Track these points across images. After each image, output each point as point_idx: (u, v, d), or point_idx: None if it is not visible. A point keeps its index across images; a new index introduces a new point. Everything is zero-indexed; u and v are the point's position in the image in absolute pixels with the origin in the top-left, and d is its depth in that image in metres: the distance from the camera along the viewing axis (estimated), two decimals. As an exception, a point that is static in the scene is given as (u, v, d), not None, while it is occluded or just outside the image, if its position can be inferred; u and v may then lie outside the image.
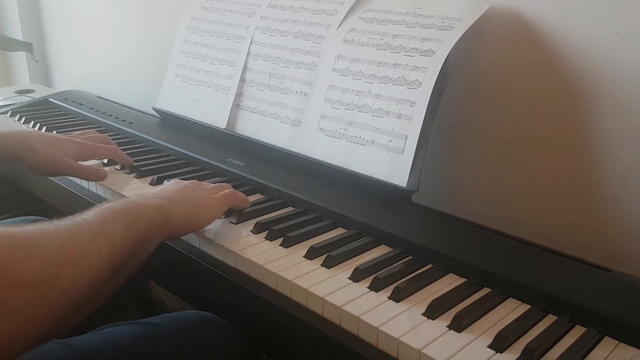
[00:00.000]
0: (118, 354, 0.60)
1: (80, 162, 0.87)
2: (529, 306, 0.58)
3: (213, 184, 0.74)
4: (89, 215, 0.52)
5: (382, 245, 0.70)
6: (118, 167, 0.93)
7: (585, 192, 0.75)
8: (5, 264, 0.41)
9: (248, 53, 1.02)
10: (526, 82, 0.78)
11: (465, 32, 0.77)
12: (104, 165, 0.94)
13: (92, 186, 0.88)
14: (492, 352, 0.51)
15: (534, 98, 0.78)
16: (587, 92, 0.73)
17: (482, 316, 0.57)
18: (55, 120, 1.20)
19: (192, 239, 0.72)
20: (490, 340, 0.52)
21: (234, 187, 0.85)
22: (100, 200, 0.85)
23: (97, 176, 0.87)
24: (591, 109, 0.73)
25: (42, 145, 0.83)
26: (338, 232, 0.73)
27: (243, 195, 0.76)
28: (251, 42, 1.01)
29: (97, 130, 1.13)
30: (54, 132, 1.09)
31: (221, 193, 0.71)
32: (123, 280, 0.54)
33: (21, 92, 1.56)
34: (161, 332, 0.63)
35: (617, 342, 0.54)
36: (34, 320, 0.42)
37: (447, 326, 0.54)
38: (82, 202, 0.86)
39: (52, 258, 0.45)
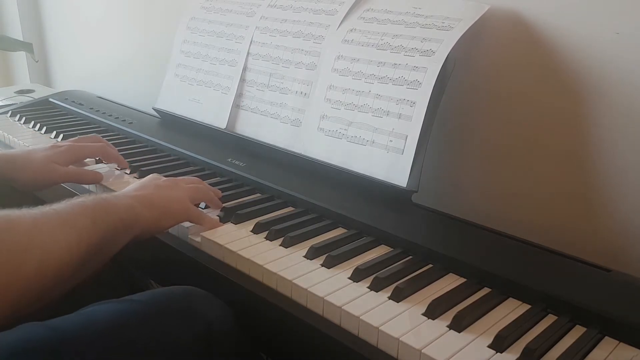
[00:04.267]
0: (102, 333, 0.58)
1: (72, 167, 0.86)
2: (529, 306, 0.58)
3: (189, 185, 0.76)
4: (58, 206, 0.54)
5: (382, 245, 0.70)
6: (118, 167, 0.93)
7: (585, 192, 0.75)
8: None
9: (248, 53, 1.02)
10: (526, 82, 0.78)
11: (465, 33, 0.77)
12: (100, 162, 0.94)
13: (92, 186, 0.88)
14: (492, 352, 0.51)
15: (534, 98, 0.78)
16: (586, 92, 0.73)
17: (482, 316, 0.57)
18: (55, 120, 1.20)
19: (192, 239, 0.72)
20: (490, 340, 0.52)
21: (234, 187, 0.86)
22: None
23: (93, 179, 0.86)
24: (591, 109, 0.73)
25: (28, 161, 0.82)
26: (338, 232, 0.73)
27: (213, 195, 0.78)
28: (251, 42, 1.01)
29: (96, 131, 1.13)
30: (54, 132, 1.09)
31: (192, 196, 0.74)
32: (91, 271, 0.57)
33: (21, 92, 1.56)
34: (145, 309, 0.62)
35: (617, 342, 0.54)
36: (7, 296, 0.45)
37: (447, 326, 0.54)
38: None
39: (16, 244, 0.46)
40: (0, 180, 0.82)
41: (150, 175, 0.77)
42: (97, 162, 0.95)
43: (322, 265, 0.64)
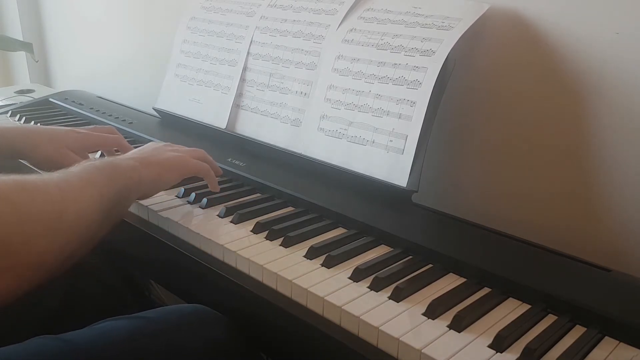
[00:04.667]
0: (113, 348, 0.60)
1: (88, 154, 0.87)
2: (529, 306, 0.58)
3: (188, 148, 0.81)
4: (73, 169, 0.59)
5: (382, 245, 0.70)
6: None
7: (585, 192, 0.75)
8: (16, 202, 0.49)
9: (248, 53, 1.02)
10: (526, 82, 0.78)
11: (465, 32, 0.77)
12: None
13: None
14: (492, 352, 0.51)
15: (534, 98, 0.78)
16: (586, 92, 0.73)
17: (482, 316, 0.57)
18: (55, 120, 1.20)
19: (192, 238, 0.72)
20: (490, 340, 0.52)
21: (234, 187, 0.86)
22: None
23: None
24: (591, 109, 0.73)
25: (45, 141, 0.83)
26: (338, 232, 0.73)
27: (214, 164, 0.82)
28: (251, 42, 1.01)
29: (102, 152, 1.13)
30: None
31: (193, 155, 0.79)
32: (110, 228, 0.62)
33: (21, 92, 1.56)
34: (156, 325, 0.64)
35: (617, 342, 0.54)
36: (51, 248, 0.51)
37: (447, 326, 0.54)
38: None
39: (54, 197, 0.52)
40: (13, 154, 0.84)
41: (150, 142, 0.82)
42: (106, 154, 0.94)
43: (322, 265, 0.64)
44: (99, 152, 0.93)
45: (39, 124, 1.14)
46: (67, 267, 0.55)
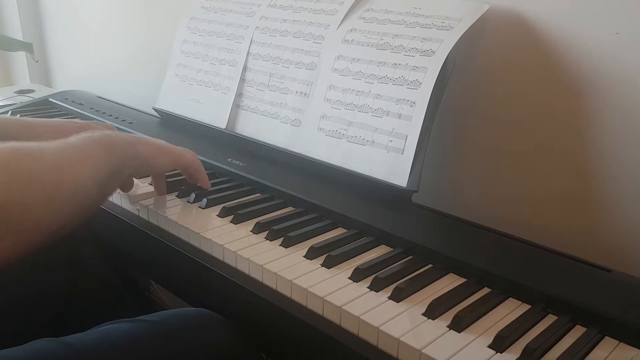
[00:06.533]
0: (115, 352, 0.60)
1: None
2: (529, 306, 0.58)
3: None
4: (71, 140, 0.60)
5: (382, 245, 0.70)
6: None
7: (585, 192, 0.75)
8: (14, 168, 0.49)
9: (248, 53, 1.02)
10: (526, 82, 0.78)
11: (465, 33, 0.77)
12: None
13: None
14: (492, 352, 0.51)
15: (534, 98, 0.78)
16: (586, 93, 0.73)
17: (482, 316, 0.57)
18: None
19: (192, 238, 0.72)
20: (490, 340, 0.52)
21: (234, 187, 0.86)
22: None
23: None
24: (591, 109, 0.73)
25: (48, 133, 0.81)
26: (338, 232, 0.73)
27: (202, 169, 0.81)
28: (251, 42, 1.01)
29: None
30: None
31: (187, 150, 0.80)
32: (105, 199, 0.65)
33: (21, 92, 1.56)
34: (158, 329, 0.64)
35: (617, 342, 0.54)
36: (48, 216, 0.52)
37: (447, 326, 0.54)
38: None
39: (52, 164, 0.53)
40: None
41: None
42: None
43: (322, 265, 0.64)
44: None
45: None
46: (59, 236, 0.56)
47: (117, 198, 0.84)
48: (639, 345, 0.53)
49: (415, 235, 0.70)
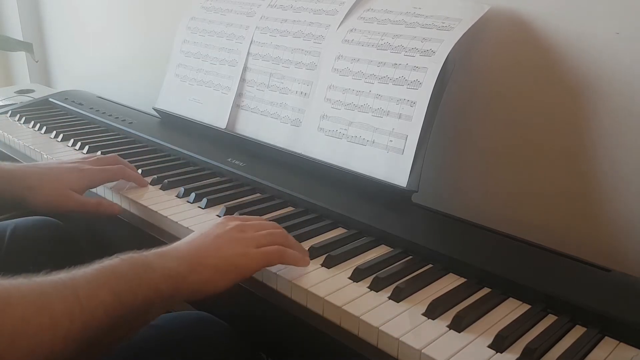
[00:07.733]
0: (115, 355, 0.60)
1: (89, 198, 0.81)
2: (529, 306, 0.58)
3: (264, 229, 0.63)
4: (82, 275, 0.48)
5: (382, 245, 0.70)
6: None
7: (585, 192, 0.75)
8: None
9: (248, 53, 1.02)
10: (526, 82, 0.78)
11: (465, 33, 0.77)
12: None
13: (99, 189, 0.87)
14: (492, 352, 0.51)
15: (534, 98, 0.78)
16: (586, 92, 0.73)
17: (482, 316, 0.57)
18: (55, 120, 1.20)
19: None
20: (490, 340, 0.52)
21: (234, 187, 0.86)
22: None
23: (110, 211, 0.81)
24: (591, 109, 0.73)
25: (42, 182, 0.76)
26: (338, 232, 0.73)
27: (297, 253, 0.63)
28: (251, 42, 1.01)
29: (96, 131, 1.13)
30: (54, 132, 1.09)
31: (264, 249, 0.60)
32: (102, 351, 0.49)
33: (21, 92, 1.56)
34: (158, 332, 0.64)
35: (617, 342, 0.54)
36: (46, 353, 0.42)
37: (447, 326, 0.54)
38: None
39: (8, 326, 0.42)
40: (9, 199, 0.76)
41: (223, 218, 0.67)
42: None
43: (322, 265, 0.64)
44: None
45: (38, 125, 1.14)
46: None
47: (117, 199, 0.84)
48: (639, 345, 0.53)
49: (415, 235, 0.70)
